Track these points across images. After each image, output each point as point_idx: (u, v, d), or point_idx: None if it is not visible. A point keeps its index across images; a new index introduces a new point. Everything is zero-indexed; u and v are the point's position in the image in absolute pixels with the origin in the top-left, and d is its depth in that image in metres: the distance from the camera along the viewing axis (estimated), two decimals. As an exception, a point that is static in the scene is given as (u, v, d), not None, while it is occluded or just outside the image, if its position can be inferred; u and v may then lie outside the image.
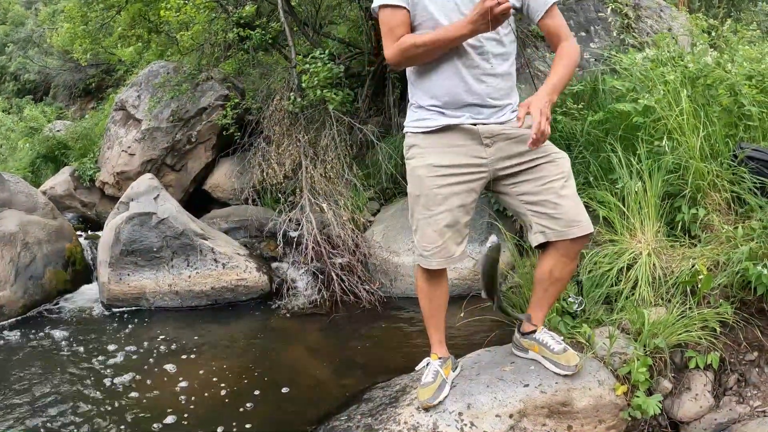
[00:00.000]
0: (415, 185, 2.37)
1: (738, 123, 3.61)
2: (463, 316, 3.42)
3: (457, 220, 2.33)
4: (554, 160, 2.31)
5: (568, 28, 2.30)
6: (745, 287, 2.77)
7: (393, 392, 2.74)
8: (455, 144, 2.30)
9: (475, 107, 2.27)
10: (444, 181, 2.30)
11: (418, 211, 2.37)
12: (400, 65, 2.29)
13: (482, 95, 2.26)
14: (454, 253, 2.37)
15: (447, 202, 2.30)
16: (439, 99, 2.28)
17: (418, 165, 2.34)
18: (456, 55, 2.22)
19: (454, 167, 2.30)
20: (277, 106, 5.16)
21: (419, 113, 2.36)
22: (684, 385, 2.65)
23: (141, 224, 4.63)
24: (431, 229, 2.33)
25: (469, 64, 2.23)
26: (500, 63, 2.27)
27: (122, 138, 6.59)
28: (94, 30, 7.24)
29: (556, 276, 2.40)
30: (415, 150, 2.37)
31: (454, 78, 2.24)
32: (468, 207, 2.35)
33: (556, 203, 2.28)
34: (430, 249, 2.35)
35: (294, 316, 4.25)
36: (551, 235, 2.31)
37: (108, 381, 3.36)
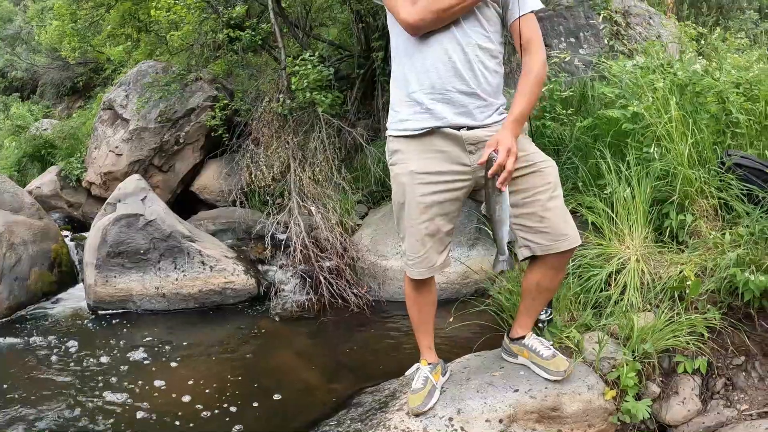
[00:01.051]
0: (398, 193, 2.32)
1: (726, 130, 3.65)
2: (452, 321, 3.42)
3: (439, 228, 2.28)
4: (540, 170, 2.25)
5: (541, 39, 2.24)
6: (732, 293, 2.79)
7: (382, 397, 2.73)
8: (438, 149, 2.24)
9: (462, 95, 2.20)
10: (426, 189, 2.24)
11: (401, 219, 2.34)
12: (422, 25, 2.15)
13: (469, 82, 2.19)
14: (436, 263, 2.33)
15: (429, 211, 2.25)
16: (425, 83, 2.21)
17: (401, 172, 2.29)
18: (446, 41, 2.17)
19: (437, 174, 2.24)
20: (266, 107, 5.14)
21: (401, 111, 2.28)
22: (672, 389, 2.67)
23: (128, 226, 4.58)
24: (414, 238, 2.29)
25: (459, 50, 2.18)
26: (488, 58, 2.22)
27: (110, 138, 6.54)
28: (83, 28, 7.18)
29: (543, 287, 2.39)
30: (398, 156, 2.31)
31: (443, 61, 2.18)
32: (451, 215, 2.30)
33: (542, 216, 2.23)
34: (413, 258, 2.32)
35: (282, 319, 4.23)
36: (537, 250, 2.27)
37: (92, 385, 3.32)
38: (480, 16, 2.19)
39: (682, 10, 6.85)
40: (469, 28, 2.18)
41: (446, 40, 2.17)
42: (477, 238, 4.22)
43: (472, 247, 4.22)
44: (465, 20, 2.17)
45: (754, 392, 2.65)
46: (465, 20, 2.17)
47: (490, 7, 2.21)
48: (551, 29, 5.18)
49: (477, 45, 2.19)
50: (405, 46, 2.25)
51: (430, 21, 2.13)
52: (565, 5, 5.33)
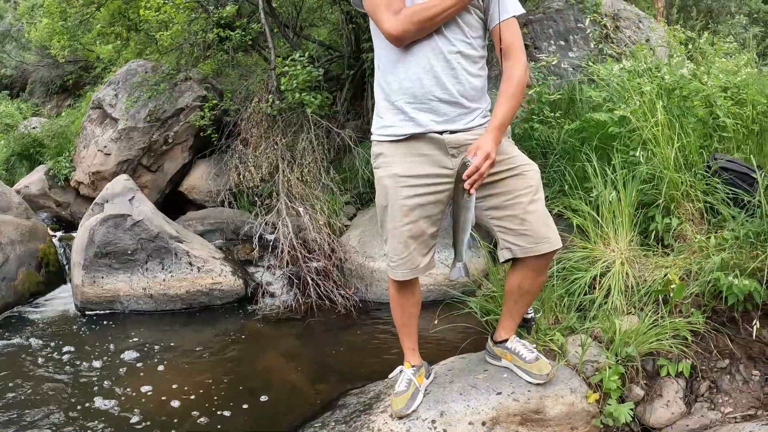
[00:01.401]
0: (381, 195, 2.33)
1: (713, 134, 3.66)
2: (437, 323, 3.42)
3: (423, 231, 2.30)
4: (522, 173, 2.27)
5: (521, 44, 2.25)
6: (716, 296, 2.80)
7: (367, 399, 2.74)
8: (421, 153, 2.25)
9: (444, 104, 2.21)
10: (409, 192, 2.25)
11: (385, 221, 2.34)
12: (405, 36, 2.15)
13: (451, 91, 2.20)
14: (420, 264, 2.34)
15: (412, 213, 2.27)
16: (408, 92, 2.21)
17: (384, 175, 2.30)
18: (428, 50, 2.18)
19: (420, 177, 2.25)
20: (255, 108, 5.12)
21: (385, 118, 2.30)
22: (656, 392, 2.68)
23: (115, 226, 4.56)
24: (396, 240, 2.30)
25: (441, 58, 2.18)
26: (470, 64, 2.22)
27: (98, 137, 6.50)
28: (72, 26, 7.14)
29: (525, 289, 2.39)
30: (381, 159, 2.32)
31: (425, 70, 2.18)
32: (434, 218, 2.31)
33: (523, 219, 2.24)
34: (395, 260, 2.33)
35: (269, 320, 4.22)
36: (518, 252, 2.28)
37: (78, 386, 3.31)
38: (461, 23, 2.19)
39: (671, 14, 6.88)
40: (451, 36, 2.18)
41: (428, 49, 2.18)
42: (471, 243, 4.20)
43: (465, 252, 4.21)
44: (446, 28, 2.17)
45: (738, 395, 2.66)
46: (446, 28, 2.17)
47: (472, 14, 2.21)
48: (541, 32, 5.20)
49: (459, 52, 2.20)
50: (388, 54, 2.26)
51: (414, 32, 2.14)
52: (555, 8, 5.35)
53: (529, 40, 5.16)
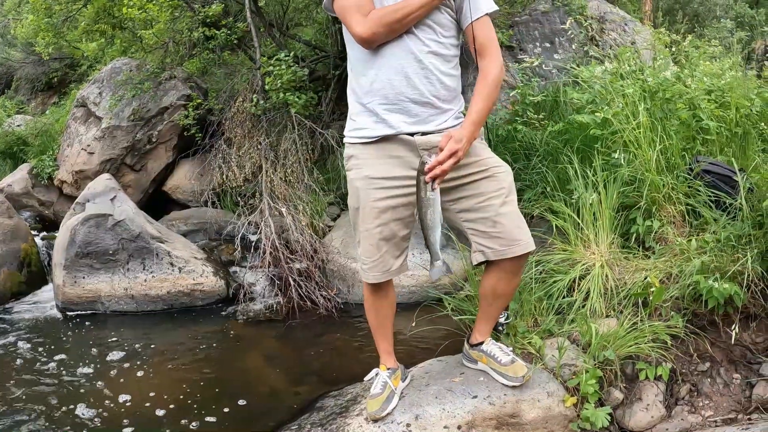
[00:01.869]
0: (353, 198, 2.32)
1: (696, 137, 3.67)
2: (414, 325, 3.40)
3: (395, 233, 2.29)
4: (494, 175, 2.25)
5: (496, 42, 2.23)
6: (696, 299, 2.79)
7: (344, 401, 2.72)
8: (392, 155, 2.24)
9: (415, 105, 2.19)
10: (381, 194, 2.24)
11: (357, 224, 2.33)
12: (375, 38, 2.14)
13: (422, 91, 2.18)
14: (392, 267, 2.33)
15: (384, 216, 2.25)
16: (379, 93, 2.20)
17: (356, 177, 2.29)
18: (399, 50, 2.16)
19: (391, 179, 2.24)
20: (239, 107, 5.09)
21: (358, 120, 2.29)
22: (635, 395, 2.67)
23: (97, 226, 4.52)
24: (368, 243, 2.29)
25: (412, 59, 2.16)
26: (442, 63, 2.21)
27: (82, 136, 6.44)
28: (58, 23, 7.06)
29: (499, 292, 2.38)
30: (353, 161, 2.31)
31: (395, 71, 2.17)
32: (406, 220, 2.30)
33: (495, 221, 2.22)
34: (367, 263, 2.32)
35: (250, 322, 4.18)
36: (490, 255, 2.27)
37: (57, 388, 3.27)
38: (432, 23, 2.17)
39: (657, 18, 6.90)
40: (422, 36, 2.17)
41: (399, 50, 2.16)
42: (446, 242, 4.19)
43: (441, 251, 4.18)
44: (417, 28, 2.16)
45: (719, 398, 2.66)
46: (417, 28, 2.16)
47: (443, 13, 2.19)
48: (527, 34, 5.20)
49: (431, 52, 2.18)
50: (359, 56, 2.25)
51: (383, 34, 2.12)
52: (541, 10, 5.36)
53: (514, 42, 5.17)
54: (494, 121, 4.39)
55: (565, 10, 5.21)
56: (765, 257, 2.69)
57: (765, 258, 2.69)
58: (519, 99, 4.23)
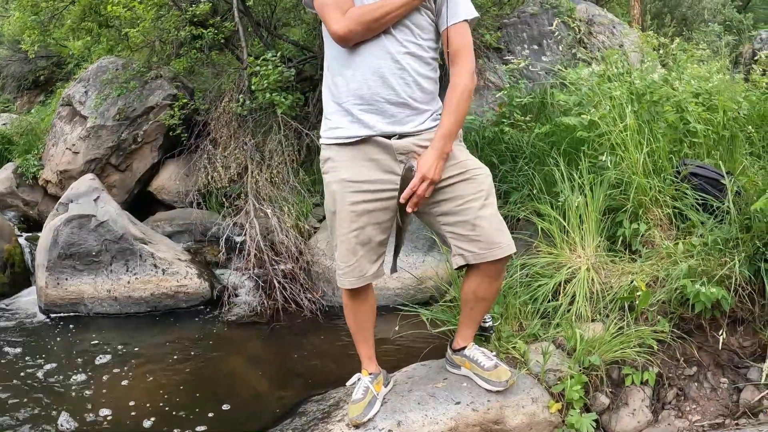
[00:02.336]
0: (330, 201, 2.29)
1: (683, 140, 3.66)
2: (398, 329, 3.37)
3: (371, 237, 2.25)
4: (473, 178, 2.23)
5: (470, 50, 2.21)
6: (683, 303, 2.78)
7: (327, 406, 2.68)
8: (370, 158, 2.20)
9: (391, 105, 2.16)
10: (357, 197, 2.20)
11: (334, 228, 2.29)
12: (352, 37, 2.11)
13: (398, 91, 2.15)
14: (368, 272, 2.29)
15: (360, 219, 2.21)
16: (355, 93, 2.17)
17: (332, 180, 2.25)
18: (376, 50, 2.14)
19: (368, 183, 2.20)
20: (225, 108, 5.04)
21: (333, 120, 2.25)
22: (622, 400, 2.65)
23: (80, 227, 4.45)
24: (344, 247, 2.25)
25: (389, 59, 2.14)
26: (420, 65, 2.18)
27: (67, 135, 6.36)
28: (44, 21, 6.99)
29: (480, 296, 2.35)
30: (329, 164, 2.27)
31: (371, 71, 2.14)
32: (383, 225, 2.26)
33: (474, 225, 2.19)
34: (343, 268, 2.28)
35: (234, 324, 4.14)
36: (471, 258, 2.23)
37: (38, 391, 3.22)
38: (411, 24, 2.15)
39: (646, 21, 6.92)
40: (400, 37, 2.14)
41: (376, 50, 2.14)
42: (432, 244, 4.17)
43: (427, 253, 4.17)
44: (395, 29, 2.13)
45: (706, 403, 2.65)
46: (395, 29, 2.13)
47: (423, 15, 2.17)
48: (515, 35, 5.20)
49: (408, 53, 2.15)
50: (336, 55, 2.22)
51: (360, 32, 2.10)
52: (529, 12, 5.35)
53: (502, 44, 5.16)
54: (481, 123, 4.37)
55: (554, 13, 5.21)
56: (752, 261, 2.69)
57: (752, 262, 2.69)
58: (506, 101, 4.22)
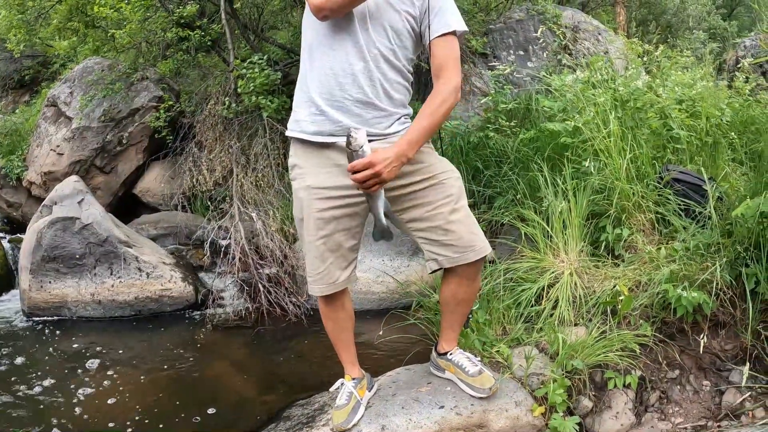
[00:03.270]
0: (297, 208, 2.25)
1: (666, 145, 3.69)
2: (382, 334, 3.38)
3: (340, 244, 2.22)
4: (441, 182, 2.20)
5: (456, 63, 2.15)
6: (665, 308, 2.80)
7: (311, 411, 2.68)
8: (335, 164, 2.16)
9: (358, 105, 2.11)
10: (324, 204, 2.17)
11: (302, 235, 2.27)
12: (329, 7, 2.00)
13: (367, 92, 2.11)
14: (338, 278, 2.26)
15: (328, 227, 2.18)
16: (324, 87, 2.12)
17: (299, 187, 2.22)
18: (350, 46, 2.10)
19: (334, 189, 2.16)
20: (211, 110, 5.03)
21: (298, 112, 2.20)
22: (605, 403, 2.67)
23: (64, 229, 4.42)
24: (312, 254, 2.23)
25: (360, 59, 2.10)
26: (391, 71, 2.15)
27: (52, 136, 6.31)
28: (30, 20, 6.93)
29: (460, 298, 2.35)
30: (296, 171, 2.24)
31: (342, 67, 2.10)
32: (353, 231, 2.24)
33: (446, 230, 2.17)
34: (312, 275, 2.25)
35: (219, 328, 4.12)
36: (444, 262, 2.22)
37: (20, 396, 3.19)
38: (388, 26, 2.11)
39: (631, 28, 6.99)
40: (375, 37, 2.10)
41: (350, 47, 2.10)
42: (417, 248, 4.17)
43: (412, 258, 4.18)
44: (373, 28, 2.10)
45: (689, 405, 2.67)
46: (373, 28, 2.10)
47: (403, 20, 2.13)
48: (501, 41, 5.23)
49: (381, 55, 2.11)
50: (312, 46, 2.16)
51: (336, 3, 1.99)
52: (516, 18, 5.38)
53: (488, 49, 5.19)
54: (466, 128, 4.39)
55: (540, 19, 5.24)
56: (734, 265, 2.71)
57: (734, 266, 2.71)
58: (491, 106, 4.24)
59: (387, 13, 2.11)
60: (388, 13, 2.11)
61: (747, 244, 2.69)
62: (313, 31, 2.15)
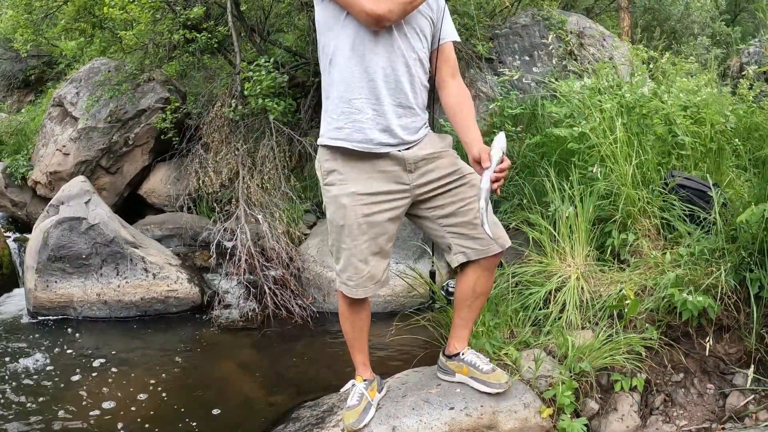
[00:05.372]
0: (338, 214, 2.25)
1: (671, 152, 3.72)
2: (393, 334, 3.39)
3: (382, 247, 2.29)
4: (470, 182, 2.30)
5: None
6: (671, 312, 2.83)
7: (320, 412, 2.69)
8: (379, 170, 2.22)
9: (401, 108, 2.20)
10: (369, 209, 2.22)
11: (341, 240, 2.28)
12: (391, 17, 2.05)
13: (409, 96, 2.20)
14: (380, 279, 2.34)
15: (372, 231, 2.24)
16: (366, 92, 2.15)
17: (341, 193, 2.23)
18: (392, 50, 2.14)
19: (380, 194, 2.23)
20: (217, 112, 5.04)
21: (337, 120, 2.20)
22: (611, 405, 2.69)
23: (70, 229, 4.43)
24: (356, 259, 2.26)
25: (402, 63, 2.16)
26: (423, 73, 2.25)
27: (58, 136, 6.33)
28: (37, 20, 6.95)
29: (479, 291, 2.41)
30: (335, 176, 2.25)
31: (386, 73, 2.15)
32: (391, 234, 2.31)
33: (474, 224, 2.27)
34: (355, 279, 2.29)
35: (225, 330, 4.13)
36: (472, 254, 2.32)
37: (24, 395, 3.20)
38: (419, 30, 2.21)
39: (636, 34, 7.02)
40: (412, 41, 2.19)
41: (392, 51, 2.15)
42: (422, 252, 4.20)
43: (417, 261, 4.20)
44: (409, 32, 2.17)
45: (693, 408, 2.69)
46: (409, 32, 2.17)
47: (428, 23, 2.23)
48: (506, 46, 5.25)
49: (418, 59, 2.21)
50: (350, 49, 2.14)
51: (397, 13, 2.06)
52: (521, 24, 5.41)
53: (494, 54, 5.22)
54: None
55: (545, 24, 5.27)
56: (738, 270, 2.74)
57: (738, 271, 2.74)
58: (497, 111, 4.26)
59: (416, 17, 2.19)
60: (417, 17, 2.19)
61: (751, 250, 2.72)
62: (350, 37, 2.14)
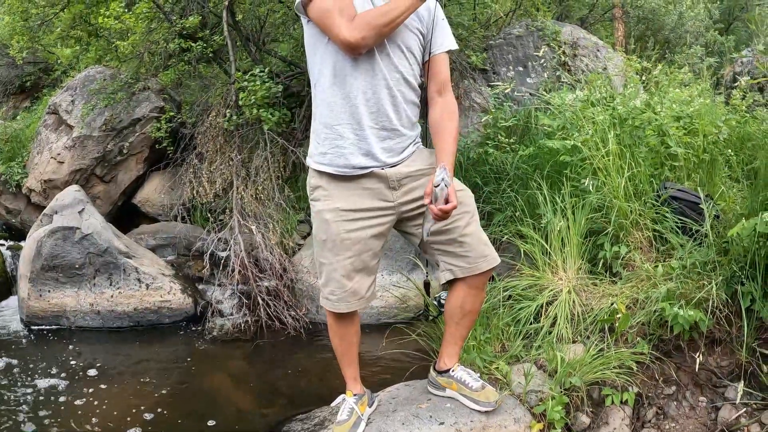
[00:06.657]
0: (321, 229, 2.26)
1: (664, 163, 3.72)
2: (384, 347, 3.39)
3: (366, 264, 2.28)
4: (458, 200, 2.22)
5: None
6: (662, 325, 2.83)
7: (311, 425, 2.70)
8: (364, 187, 2.22)
9: (385, 131, 2.19)
10: (352, 225, 2.21)
11: (323, 256, 2.28)
12: (366, 43, 2.04)
13: (392, 118, 2.18)
14: (364, 295, 2.31)
15: (355, 247, 2.23)
16: (348, 117, 2.16)
17: (325, 209, 2.24)
18: (374, 73, 2.13)
19: (363, 211, 2.22)
20: (212, 122, 5.04)
21: (324, 145, 2.22)
22: (602, 419, 2.68)
23: (64, 239, 4.43)
24: (338, 274, 2.25)
25: (383, 85, 2.15)
26: (409, 91, 2.22)
27: (53, 144, 6.32)
28: (34, 27, 6.95)
29: (467, 309, 2.38)
30: (320, 192, 2.26)
31: (367, 97, 2.15)
32: (376, 251, 2.30)
33: (461, 242, 2.26)
34: (337, 293, 2.28)
35: (218, 340, 4.13)
36: (459, 272, 2.30)
37: (15, 405, 3.20)
38: (404, 46, 2.17)
39: (630, 44, 7.04)
40: (395, 60, 2.15)
41: (373, 73, 2.13)
42: (415, 264, 4.20)
43: (410, 272, 4.20)
44: (391, 50, 2.15)
45: (685, 421, 2.69)
46: (391, 50, 2.15)
47: (415, 37, 2.19)
48: (500, 57, 5.27)
49: (402, 78, 2.18)
50: (332, 74, 2.17)
51: (373, 38, 2.04)
52: (515, 34, 5.43)
53: (488, 65, 5.23)
54: (466, 144, 4.42)
55: (539, 35, 5.29)
56: (729, 283, 2.74)
57: (729, 284, 2.74)
58: (491, 122, 4.27)
59: (401, 33, 2.15)
60: (402, 32, 2.15)
61: (743, 263, 2.72)
62: (331, 60, 2.15)
